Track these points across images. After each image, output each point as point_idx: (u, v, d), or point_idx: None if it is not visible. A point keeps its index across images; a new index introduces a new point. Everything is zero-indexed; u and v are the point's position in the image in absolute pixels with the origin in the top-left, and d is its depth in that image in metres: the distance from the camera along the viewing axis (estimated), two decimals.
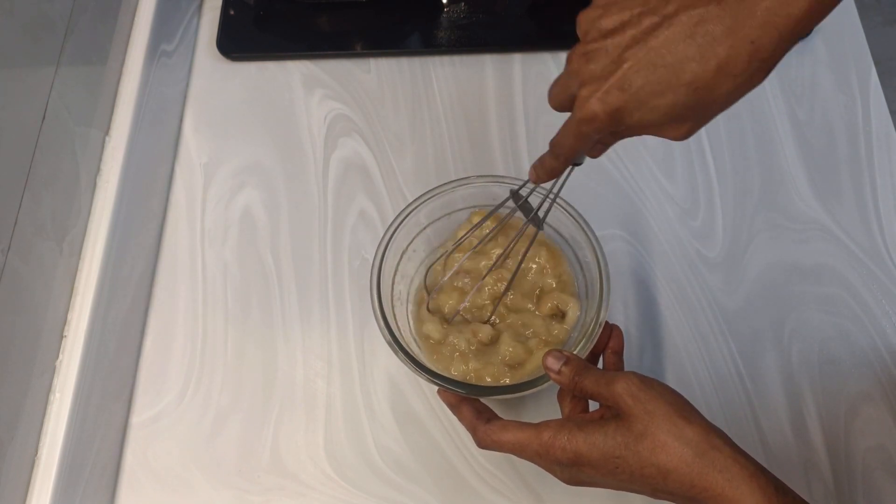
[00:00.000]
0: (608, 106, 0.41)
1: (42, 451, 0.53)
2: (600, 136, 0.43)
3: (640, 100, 0.40)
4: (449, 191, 0.59)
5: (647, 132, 0.42)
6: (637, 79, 0.40)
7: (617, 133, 0.44)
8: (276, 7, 0.80)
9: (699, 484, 0.42)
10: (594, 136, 0.43)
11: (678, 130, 0.42)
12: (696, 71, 0.39)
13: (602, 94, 0.41)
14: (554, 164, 0.48)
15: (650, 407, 0.44)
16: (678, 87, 0.39)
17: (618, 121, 0.41)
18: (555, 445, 0.46)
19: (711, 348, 0.64)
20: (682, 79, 0.39)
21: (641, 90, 0.40)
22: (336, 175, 0.72)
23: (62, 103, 0.57)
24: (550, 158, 0.48)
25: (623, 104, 0.40)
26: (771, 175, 0.71)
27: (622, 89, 0.40)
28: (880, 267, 0.67)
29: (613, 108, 0.41)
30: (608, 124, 0.42)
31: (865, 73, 0.75)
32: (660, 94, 0.40)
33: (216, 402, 0.63)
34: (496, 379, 0.56)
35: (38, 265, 0.53)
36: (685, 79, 0.39)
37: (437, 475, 0.60)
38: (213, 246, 0.69)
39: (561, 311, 0.59)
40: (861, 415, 0.61)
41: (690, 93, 0.39)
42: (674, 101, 0.40)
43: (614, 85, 0.40)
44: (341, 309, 0.66)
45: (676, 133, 0.42)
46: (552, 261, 0.60)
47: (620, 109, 0.41)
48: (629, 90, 0.40)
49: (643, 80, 0.40)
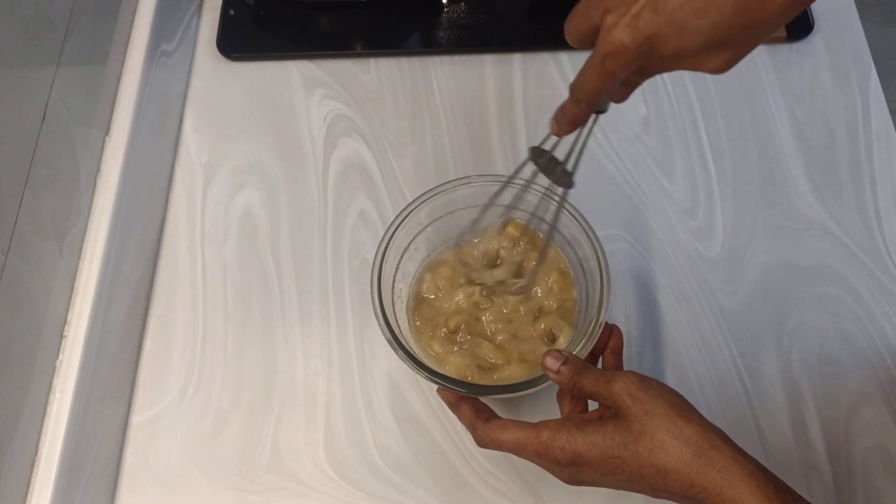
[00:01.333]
0: (638, 33, 0.35)
1: (42, 451, 0.53)
2: (628, 71, 0.38)
3: (677, 22, 0.34)
4: (449, 190, 0.59)
5: (682, 65, 0.37)
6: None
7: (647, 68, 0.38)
8: (276, 7, 0.80)
9: (698, 483, 0.42)
10: (621, 74, 0.38)
11: (717, 59, 0.37)
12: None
13: (631, 18, 0.35)
14: (576, 112, 0.42)
15: (649, 406, 0.44)
16: (723, 4, 0.34)
17: (650, 51, 0.36)
18: (553, 445, 0.46)
19: (711, 348, 0.64)
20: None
21: (679, 9, 0.34)
22: (336, 175, 0.72)
23: (62, 103, 0.57)
24: (571, 105, 0.42)
25: (657, 30, 0.35)
26: (771, 175, 0.71)
27: (656, 10, 0.35)
28: (880, 267, 0.67)
29: (645, 36, 0.35)
30: (638, 56, 0.36)
31: (865, 73, 0.75)
32: (702, 13, 0.34)
33: (216, 402, 0.63)
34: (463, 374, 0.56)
35: (38, 265, 0.53)
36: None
37: (437, 475, 0.60)
38: (213, 246, 0.69)
39: (553, 335, 0.58)
40: (861, 415, 0.61)
41: (738, 9, 0.34)
42: (718, 21, 0.34)
43: (646, 6, 0.35)
44: (341, 309, 0.66)
45: (716, 62, 0.37)
46: (561, 284, 0.59)
47: (653, 37, 0.35)
48: (664, 10, 0.34)
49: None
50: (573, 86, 0.41)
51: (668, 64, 0.37)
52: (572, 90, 0.42)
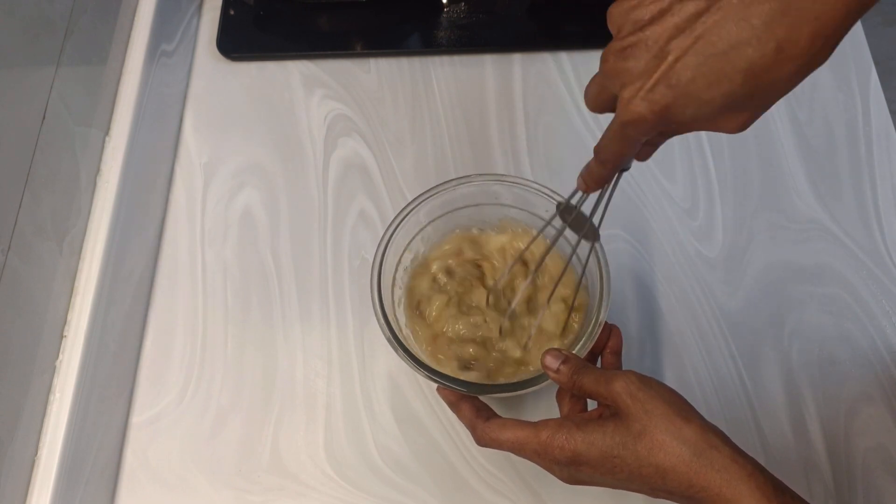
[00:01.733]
0: (655, 105, 0.37)
1: (42, 451, 0.53)
2: (647, 137, 0.40)
3: (690, 94, 0.36)
4: (450, 189, 0.59)
5: (700, 128, 0.39)
6: (685, 72, 0.36)
7: (666, 132, 0.40)
8: (276, 7, 0.80)
9: (697, 483, 0.42)
10: (641, 139, 0.40)
11: (735, 122, 0.38)
12: (753, 56, 0.35)
13: (646, 92, 0.37)
14: (601, 172, 0.44)
15: (649, 406, 0.44)
16: (734, 76, 0.35)
17: (667, 119, 0.38)
18: (553, 444, 0.46)
19: (711, 348, 0.64)
20: (738, 66, 0.35)
21: (692, 83, 0.36)
22: (336, 175, 0.72)
23: (62, 103, 0.57)
24: (597, 166, 0.44)
25: (672, 101, 0.37)
26: (771, 175, 0.71)
27: (669, 85, 0.36)
28: (880, 267, 0.67)
29: (661, 107, 0.37)
30: (656, 125, 0.38)
31: (865, 73, 0.75)
32: (713, 86, 0.36)
33: (216, 402, 0.63)
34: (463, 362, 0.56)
35: (38, 265, 0.53)
36: (740, 66, 0.35)
37: (437, 475, 0.60)
38: (213, 246, 0.69)
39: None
40: (861, 415, 0.61)
41: (748, 80, 0.35)
42: (729, 91, 0.36)
43: (660, 81, 0.36)
44: (341, 309, 0.66)
45: (733, 125, 0.38)
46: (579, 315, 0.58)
47: (669, 107, 0.37)
48: (678, 85, 0.36)
49: (692, 73, 0.36)
50: (597, 148, 0.43)
51: (687, 127, 0.39)
52: (597, 152, 0.44)
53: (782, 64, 0.35)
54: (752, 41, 0.35)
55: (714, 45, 0.35)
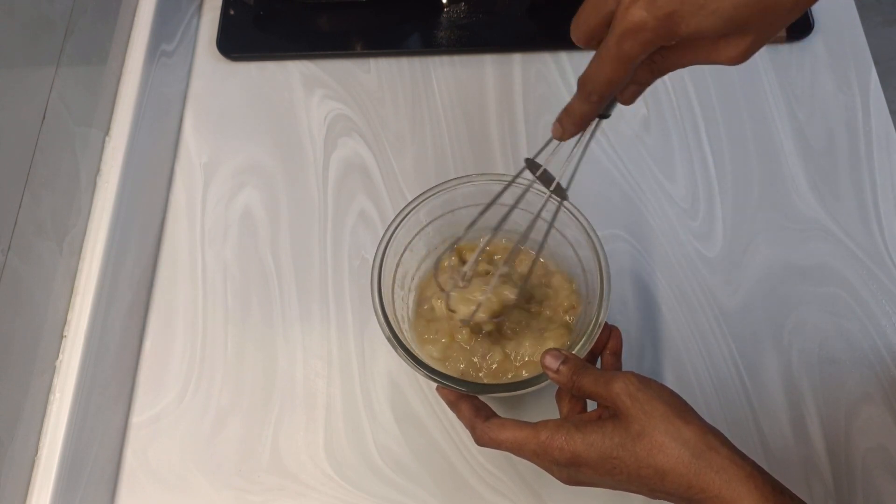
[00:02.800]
0: (659, 10, 0.34)
1: (42, 451, 0.53)
2: (645, 54, 0.37)
3: (697, 2, 0.34)
4: (450, 189, 0.59)
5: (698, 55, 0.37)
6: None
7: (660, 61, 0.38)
8: (276, 7, 0.80)
9: (696, 484, 0.42)
10: (638, 58, 0.37)
11: (737, 46, 0.36)
12: None
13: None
14: (584, 109, 0.41)
15: (648, 407, 0.44)
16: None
17: (670, 30, 0.35)
18: (552, 445, 0.46)
19: (711, 348, 0.64)
20: None
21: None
22: (336, 175, 0.72)
23: (62, 103, 0.57)
24: (580, 102, 0.41)
25: (677, 7, 0.34)
26: (771, 175, 0.71)
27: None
28: (880, 267, 0.67)
29: (665, 13, 0.34)
30: (657, 35, 0.35)
31: (865, 73, 0.75)
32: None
33: (216, 402, 0.63)
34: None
35: (38, 265, 0.53)
36: None
37: (437, 475, 0.60)
38: (213, 246, 0.69)
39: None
40: (861, 415, 0.61)
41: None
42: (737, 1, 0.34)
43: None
44: (341, 309, 0.66)
45: (735, 50, 0.36)
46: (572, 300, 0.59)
47: (674, 14, 0.34)
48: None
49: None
50: (582, 79, 0.40)
51: (684, 52, 0.37)
52: (581, 84, 0.41)
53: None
54: None
55: None
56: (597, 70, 0.39)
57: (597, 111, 0.42)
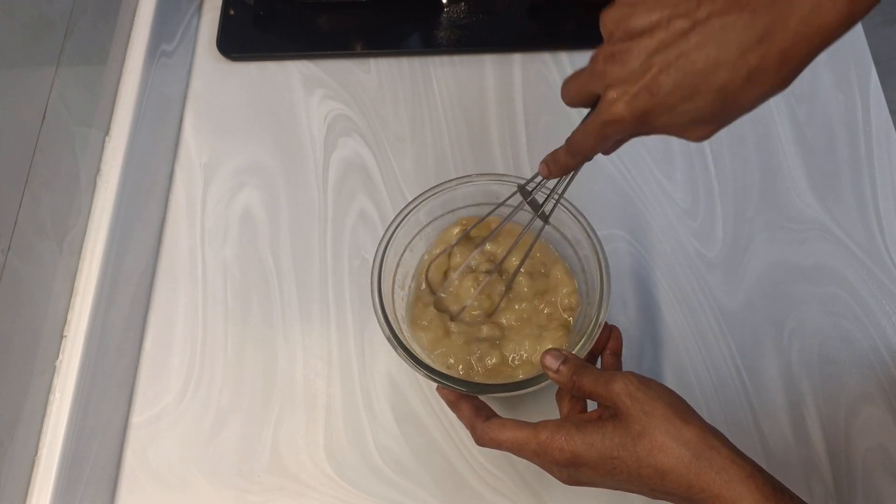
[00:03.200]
0: (636, 110, 0.41)
1: (42, 451, 0.53)
2: (622, 137, 0.44)
3: (668, 104, 0.40)
4: (450, 189, 0.59)
5: (669, 133, 0.43)
6: (667, 83, 0.40)
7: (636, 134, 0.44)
8: (276, 7, 0.80)
9: (697, 484, 0.42)
10: (616, 138, 0.44)
11: (701, 132, 0.42)
12: (726, 78, 0.39)
13: (630, 97, 0.41)
14: (569, 162, 0.48)
15: (648, 407, 0.44)
16: (707, 93, 0.39)
17: (644, 124, 0.42)
18: (552, 445, 0.46)
19: (711, 348, 0.64)
20: (712, 85, 0.39)
21: (670, 95, 0.40)
22: (336, 175, 0.72)
23: (62, 103, 0.57)
24: (566, 156, 0.48)
25: (651, 108, 0.41)
26: (771, 175, 0.71)
27: (651, 93, 0.40)
28: (880, 267, 0.67)
29: (641, 112, 0.41)
30: (634, 127, 0.42)
31: (865, 73, 0.75)
32: (688, 99, 0.40)
33: (216, 402, 0.63)
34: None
35: (38, 265, 0.53)
36: (715, 85, 0.39)
37: (437, 475, 0.60)
38: (213, 246, 0.69)
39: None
40: (861, 415, 0.61)
41: (719, 99, 0.39)
42: (702, 106, 0.40)
43: (643, 89, 0.40)
44: (341, 309, 0.66)
45: (699, 135, 0.42)
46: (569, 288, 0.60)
47: (648, 113, 0.41)
48: (658, 95, 0.40)
49: (672, 85, 0.40)
50: (571, 140, 0.47)
51: (657, 132, 0.43)
52: (569, 144, 0.47)
53: (751, 88, 0.39)
54: (728, 65, 0.38)
55: (694, 63, 0.39)
56: (582, 139, 0.46)
57: (580, 164, 0.48)
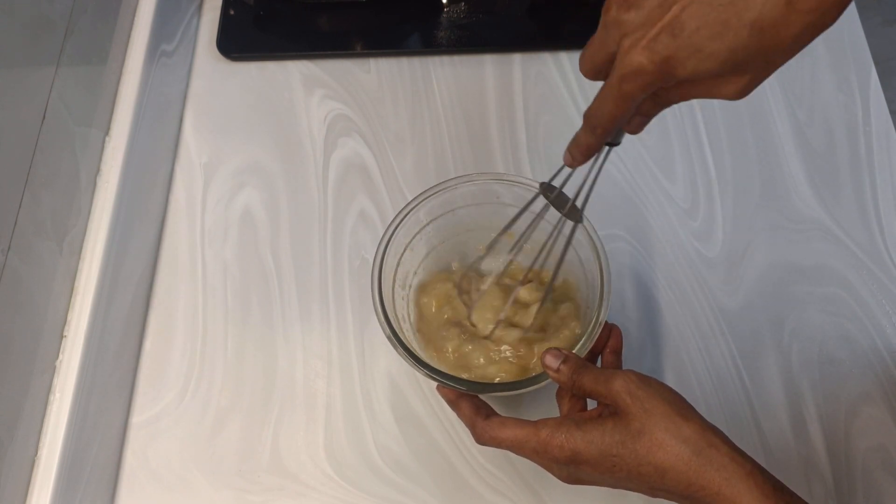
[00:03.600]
0: (656, 55, 0.36)
1: (42, 451, 0.53)
2: (645, 94, 0.38)
3: (694, 45, 0.35)
4: (450, 188, 0.59)
5: (699, 91, 0.38)
6: (691, 21, 0.35)
7: (663, 95, 0.39)
8: (276, 7, 0.80)
9: (696, 482, 0.42)
10: (638, 97, 0.38)
11: (736, 84, 0.37)
12: (762, 7, 0.33)
13: (649, 41, 0.36)
14: (590, 140, 0.43)
15: (648, 405, 0.44)
16: (740, 28, 0.34)
17: (668, 73, 0.36)
18: (552, 443, 0.46)
19: (711, 348, 0.64)
20: (745, 18, 0.34)
21: (696, 33, 0.35)
22: (336, 175, 0.72)
23: (62, 103, 0.57)
24: (586, 133, 0.43)
25: (674, 52, 0.35)
26: (771, 175, 0.71)
27: (673, 34, 0.35)
28: (880, 267, 0.67)
29: (663, 57, 0.36)
30: (656, 78, 0.37)
31: (865, 73, 0.75)
32: (718, 37, 0.34)
33: (216, 402, 0.63)
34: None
35: (38, 265, 0.53)
36: (748, 17, 0.34)
37: (437, 475, 0.60)
38: (213, 246, 0.69)
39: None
40: (861, 415, 0.61)
41: (754, 34, 0.34)
42: (734, 45, 0.35)
43: (664, 29, 0.35)
44: (341, 309, 0.66)
45: (734, 87, 0.37)
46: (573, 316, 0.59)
47: (671, 58, 0.36)
48: (681, 34, 0.35)
49: (698, 22, 0.35)
50: (588, 113, 0.42)
51: (684, 89, 0.38)
52: (587, 117, 0.42)
53: (791, 18, 0.34)
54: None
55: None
56: (600, 106, 0.40)
57: (602, 142, 0.43)
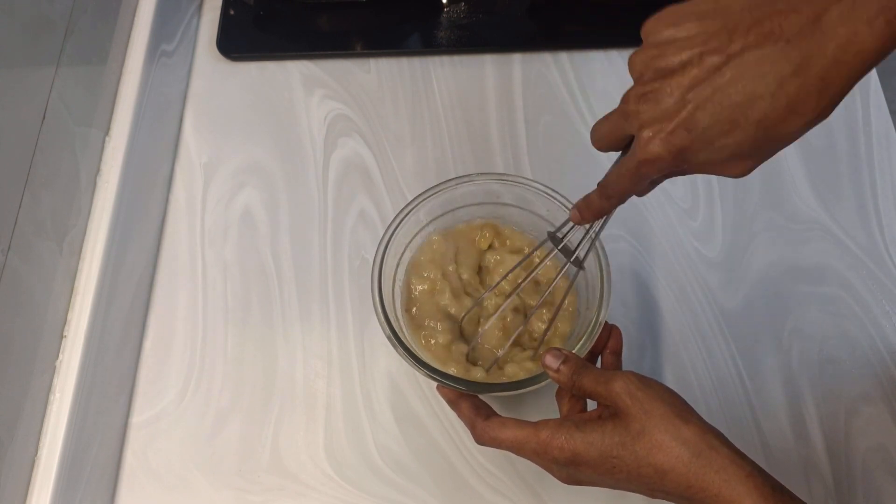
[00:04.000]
0: (673, 147, 0.40)
1: (42, 451, 0.53)
2: (660, 176, 0.43)
3: (706, 140, 0.39)
4: (450, 188, 0.59)
5: (707, 171, 0.42)
6: (704, 118, 0.38)
7: (673, 173, 0.43)
8: (276, 7, 0.80)
9: (696, 484, 0.42)
10: (653, 177, 0.43)
11: (742, 167, 0.41)
12: (766, 109, 0.37)
13: (667, 135, 0.40)
14: (604, 206, 0.47)
15: (648, 406, 0.44)
16: (746, 126, 0.38)
17: (682, 161, 0.40)
18: (552, 444, 0.46)
19: (711, 348, 0.64)
20: (751, 117, 0.38)
21: (708, 130, 0.39)
22: (336, 175, 0.72)
23: (62, 103, 0.57)
24: (600, 199, 0.47)
25: (689, 144, 0.39)
26: (771, 175, 0.71)
27: (688, 129, 0.39)
28: (880, 267, 0.67)
29: (678, 149, 0.40)
30: (671, 166, 0.41)
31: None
32: (727, 134, 0.38)
33: (216, 402, 0.63)
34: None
35: (38, 265, 0.53)
36: (754, 117, 0.38)
37: (437, 475, 0.60)
38: (213, 246, 0.69)
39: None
40: (861, 415, 0.61)
41: (759, 131, 0.38)
42: (741, 140, 0.39)
43: (680, 125, 0.39)
44: (341, 309, 0.66)
45: (739, 170, 0.41)
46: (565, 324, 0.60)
47: (685, 150, 0.40)
48: (695, 130, 0.39)
49: (710, 120, 0.38)
50: (604, 183, 0.46)
51: (695, 170, 0.42)
52: (602, 186, 0.46)
53: (792, 119, 0.38)
54: (766, 96, 0.37)
55: (731, 98, 0.38)
56: (617, 181, 0.44)
57: (613, 208, 0.47)
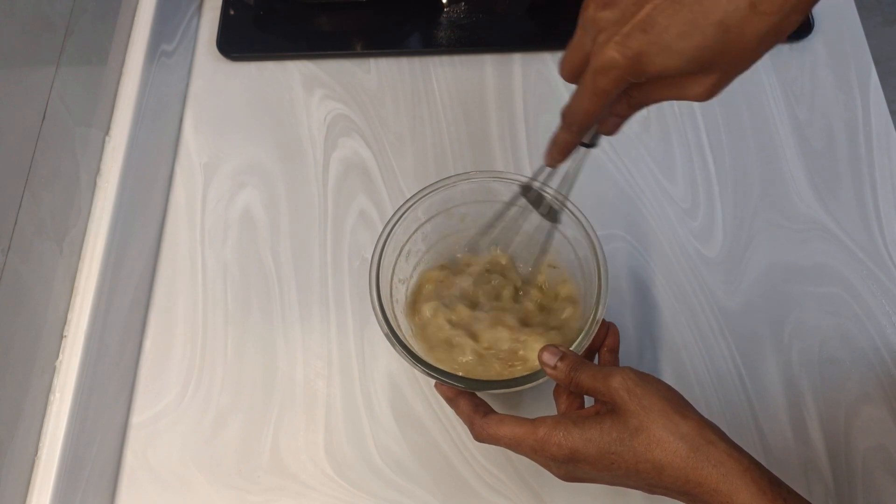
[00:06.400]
0: (628, 49, 0.37)
1: (42, 451, 0.53)
2: (618, 90, 0.40)
3: (663, 42, 0.37)
4: (449, 186, 0.59)
5: (669, 91, 0.40)
6: (661, 18, 0.37)
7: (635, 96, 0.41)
8: (276, 7, 0.80)
9: (694, 478, 0.42)
10: (612, 92, 0.40)
11: (703, 84, 0.39)
12: (727, 8, 0.35)
13: (622, 37, 0.38)
14: (567, 137, 0.45)
15: (646, 402, 0.44)
16: (706, 27, 0.36)
17: (638, 68, 0.38)
18: (550, 441, 0.46)
19: (711, 348, 0.64)
20: (711, 17, 0.36)
21: (666, 31, 0.37)
22: (336, 175, 0.72)
23: (62, 103, 0.57)
24: (563, 131, 0.45)
25: (645, 47, 0.37)
26: (771, 175, 0.71)
27: (644, 30, 0.37)
28: (880, 267, 0.67)
29: (634, 53, 0.37)
30: (628, 72, 0.38)
31: (865, 73, 0.75)
32: (686, 36, 0.36)
33: (216, 402, 0.63)
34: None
35: (38, 265, 0.53)
36: (714, 17, 0.36)
37: (437, 475, 0.60)
38: (213, 246, 0.69)
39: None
40: (861, 415, 0.61)
41: (720, 33, 0.36)
42: (701, 44, 0.37)
43: (636, 26, 0.37)
44: (341, 309, 0.66)
45: (702, 87, 0.39)
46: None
47: (642, 54, 0.37)
48: (652, 31, 0.37)
49: (668, 20, 0.37)
50: (564, 111, 0.44)
51: (655, 88, 0.40)
52: (564, 115, 0.44)
53: (755, 20, 0.36)
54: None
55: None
56: (576, 103, 0.42)
57: (578, 140, 0.45)
